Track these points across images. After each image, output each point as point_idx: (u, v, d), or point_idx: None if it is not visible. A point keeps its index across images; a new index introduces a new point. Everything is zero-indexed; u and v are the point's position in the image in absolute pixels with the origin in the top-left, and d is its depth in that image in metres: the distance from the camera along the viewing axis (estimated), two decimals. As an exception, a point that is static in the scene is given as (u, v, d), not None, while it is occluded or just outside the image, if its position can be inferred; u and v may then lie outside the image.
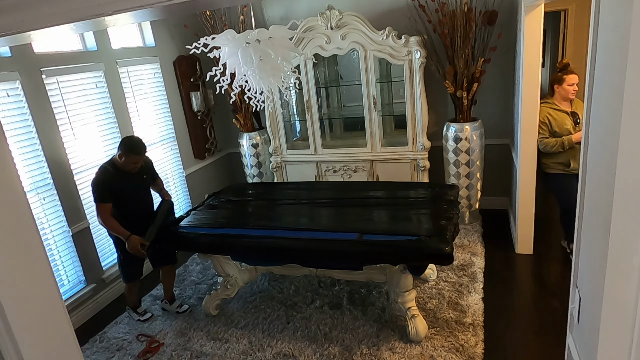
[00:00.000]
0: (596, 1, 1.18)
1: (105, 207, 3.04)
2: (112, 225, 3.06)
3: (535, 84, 3.31)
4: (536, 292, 3.35)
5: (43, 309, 1.45)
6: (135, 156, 3.06)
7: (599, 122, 1.18)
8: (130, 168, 3.11)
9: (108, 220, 3.05)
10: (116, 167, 3.09)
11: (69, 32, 1.48)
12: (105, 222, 3.06)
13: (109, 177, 3.06)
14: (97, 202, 3.04)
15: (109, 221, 3.06)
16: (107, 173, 3.07)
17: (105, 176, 3.06)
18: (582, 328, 1.37)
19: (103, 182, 3.04)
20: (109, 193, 3.04)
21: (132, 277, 3.38)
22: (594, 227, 1.24)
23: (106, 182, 3.04)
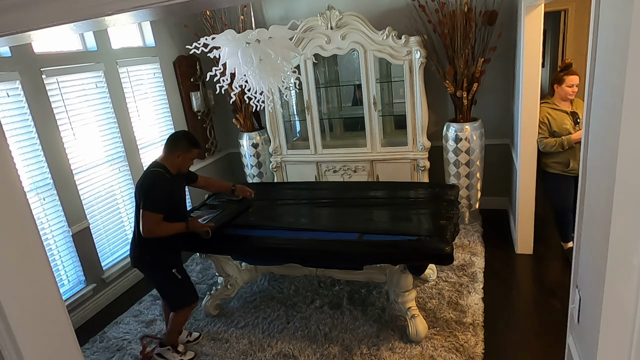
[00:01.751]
0: (596, 1, 1.18)
1: (158, 217, 2.59)
2: (165, 228, 2.64)
3: (535, 84, 3.31)
4: (536, 292, 3.35)
5: (43, 309, 1.45)
6: (197, 150, 2.75)
7: (599, 122, 1.18)
8: (188, 166, 2.79)
9: (159, 227, 2.61)
10: (169, 171, 2.69)
11: (69, 32, 1.48)
12: (155, 230, 2.60)
13: (168, 184, 2.65)
14: (150, 210, 2.56)
15: (160, 227, 2.61)
16: (164, 178, 2.64)
17: (163, 182, 2.63)
18: (582, 328, 1.37)
19: (162, 189, 2.61)
20: (164, 202, 2.62)
21: (196, 297, 2.90)
22: (594, 227, 1.24)
23: (165, 189, 2.63)
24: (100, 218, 3.86)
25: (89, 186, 3.73)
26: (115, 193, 4.01)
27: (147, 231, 2.58)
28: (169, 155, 2.70)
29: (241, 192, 3.27)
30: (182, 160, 2.71)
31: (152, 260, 2.74)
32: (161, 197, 2.61)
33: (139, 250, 2.75)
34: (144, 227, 2.58)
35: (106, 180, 3.90)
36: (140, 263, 2.79)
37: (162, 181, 2.64)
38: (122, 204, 4.09)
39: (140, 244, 2.72)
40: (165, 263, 2.75)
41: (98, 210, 3.83)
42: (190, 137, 2.77)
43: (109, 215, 3.94)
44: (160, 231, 2.62)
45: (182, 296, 2.82)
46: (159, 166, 2.69)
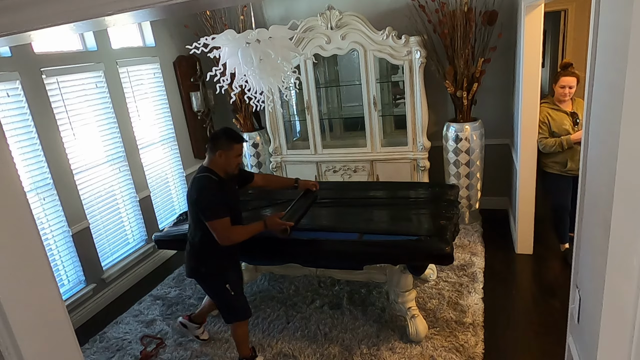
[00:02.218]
0: (596, 1, 1.18)
1: (226, 222, 2.41)
2: (241, 231, 2.49)
3: (535, 84, 3.31)
4: (536, 292, 3.35)
5: (43, 309, 1.45)
6: (240, 144, 2.53)
7: (599, 122, 1.18)
8: (236, 165, 2.56)
9: (233, 232, 2.45)
10: (217, 174, 2.51)
11: (69, 32, 1.48)
12: (231, 236, 2.44)
13: (220, 186, 2.47)
14: (214, 219, 2.39)
15: (234, 232, 2.45)
16: (214, 182, 2.46)
17: (214, 185, 2.45)
18: (582, 328, 1.37)
19: (214, 192, 2.43)
20: (223, 204, 2.44)
21: (248, 313, 2.73)
22: (594, 227, 1.24)
23: (218, 193, 2.44)
24: (100, 218, 3.86)
25: (89, 186, 3.73)
26: (115, 193, 4.01)
27: (224, 239, 2.42)
28: (212, 157, 2.49)
29: (304, 186, 3.06)
30: (225, 159, 2.48)
31: (206, 272, 2.61)
32: (218, 200, 2.42)
33: (195, 261, 2.61)
34: (218, 237, 2.41)
35: (106, 180, 3.90)
36: (195, 274, 2.66)
37: (212, 185, 2.45)
38: (122, 204, 4.09)
39: (196, 256, 2.59)
40: (219, 276, 2.60)
41: (98, 210, 3.83)
42: (230, 132, 2.52)
43: (109, 215, 3.94)
44: (237, 235, 2.46)
45: (234, 311, 2.66)
46: (205, 171, 2.50)
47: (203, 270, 2.61)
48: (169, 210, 4.74)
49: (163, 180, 4.63)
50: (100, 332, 3.42)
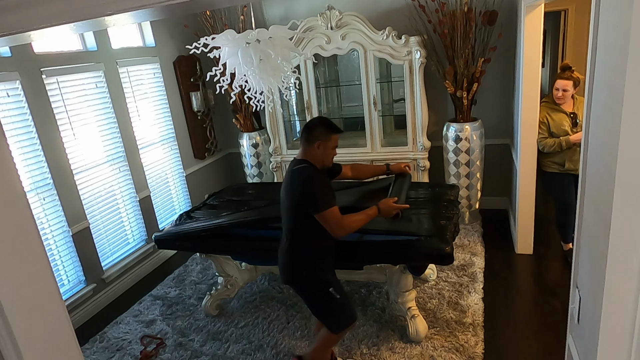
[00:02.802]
0: (596, 1, 1.18)
1: (337, 210, 2.22)
2: (356, 218, 2.28)
3: (535, 84, 3.31)
4: (536, 292, 3.35)
5: (43, 309, 1.45)
6: (337, 135, 2.35)
7: (599, 122, 1.18)
8: (331, 157, 2.38)
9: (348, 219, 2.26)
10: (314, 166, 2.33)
11: (69, 32, 1.48)
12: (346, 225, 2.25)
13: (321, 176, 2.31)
14: (326, 208, 2.19)
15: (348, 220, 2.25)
16: (318, 171, 2.30)
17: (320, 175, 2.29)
18: (582, 328, 1.37)
19: (323, 182, 2.27)
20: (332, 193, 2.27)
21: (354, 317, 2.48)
22: (594, 227, 1.24)
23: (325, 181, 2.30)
24: (100, 218, 3.86)
25: (89, 186, 3.73)
26: (115, 193, 4.01)
27: (339, 229, 2.23)
28: (308, 148, 2.31)
29: (397, 169, 2.89)
30: (323, 150, 2.30)
31: (308, 275, 2.38)
32: (326, 190, 2.25)
33: (295, 265, 2.39)
34: (332, 227, 2.22)
35: (106, 180, 3.90)
36: (295, 280, 2.43)
37: (318, 174, 2.28)
38: (122, 204, 4.09)
39: (296, 258, 2.38)
40: (323, 279, 2.38)
41: (98, 210, 3.83)
42: (327, 122, 2.36)
43: (109, 215, 3.94)
44: (353, 222, 2.26)
45: (342, 317, 2.42)
46: (303, 162, 2.31)
47: (304, 274, 2.37)
48: (169, 210, 4.74)
49: (163, 180, 4.63)
50: (100, 332, 3.42)
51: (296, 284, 2.46)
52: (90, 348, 3.24)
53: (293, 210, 2.31)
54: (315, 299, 2.45)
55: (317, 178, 2.26)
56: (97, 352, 3.19)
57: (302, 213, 2.27)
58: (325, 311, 2.45)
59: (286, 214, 2.37)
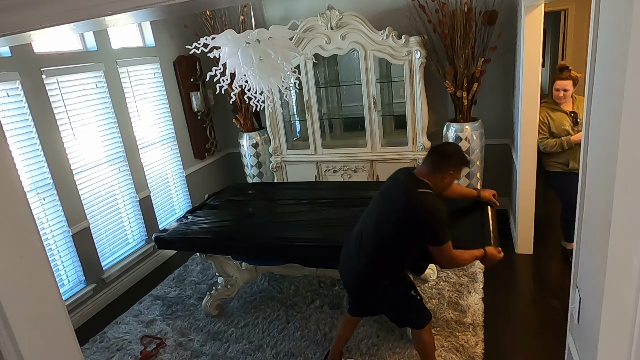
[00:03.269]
0: (596, 1, 1.18)
1: (450, 245, 2.15)
2: (466, 256, 2.25)
3: (535, 84, 3.31)
4: (536, 292, 3.35)
5: (43, 309, 1.44)
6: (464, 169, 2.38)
7: (599, 122, 1.18)
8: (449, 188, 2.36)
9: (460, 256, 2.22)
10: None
11: (69, 32, 1.48)
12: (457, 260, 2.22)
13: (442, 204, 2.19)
14: (445, 243, 2.12)
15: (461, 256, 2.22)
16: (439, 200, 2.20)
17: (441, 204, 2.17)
18: (582, 328, 1.37)
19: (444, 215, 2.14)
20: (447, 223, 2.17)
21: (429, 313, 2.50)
22: (594, 227, 1.24)
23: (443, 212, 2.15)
24: (100, 218, 3.86)
25: (89, 186, 3.73)
26: (115, 193, 4.01)
27: (451, 264, 2.25)
28: (436, 174, 2.20)
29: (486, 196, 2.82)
30: (450, 180, 2.24)
31: (390, 283, 2.33)
32: (445, 222, 2.14)
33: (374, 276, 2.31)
34: (443, 262, 2.21)
35: (106, 180, 3.90)
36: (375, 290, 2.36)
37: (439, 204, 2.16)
38: (122, 204, 4.09)
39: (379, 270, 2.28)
40: (404, 284, 2.39)
41: (98, 210, 3.83)
42: (463, 155, 2.28)
43: (109, 215, 3.94)
44: (462, 260, 2.24)
45: (423, 314, 2.43)
46: (425, 186, 2.18)
47: (387, 283, 2.31)
48: (169, 210, 4.74)
49: (163, 180, 4.64)
50: (100, 332, 3.42)
51: (378, 293, 2.37)
52: (90, 348, 3.24)
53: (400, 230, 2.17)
54: (398, 303, 2.41)
55: (441, 210, 2.13)
56: (97, 352, 3.19)
57: (410, 237, 2.19)
58: (409, 312, 2.42)
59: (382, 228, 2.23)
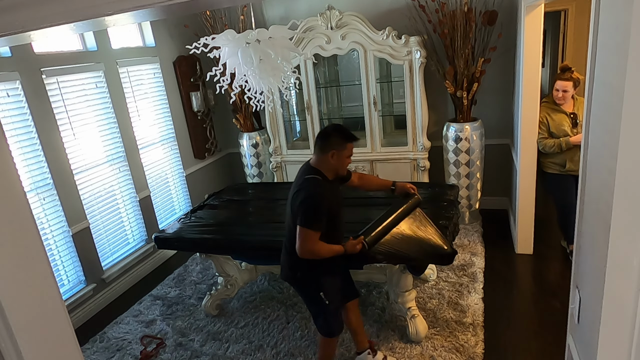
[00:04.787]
0: (596, 1, 1.18)
1: (315, 236, 2.20)
2: (323, 249, 2.25)
3: (535, 84, 3.31)
4: (536, 292, 3.35)
5: (43, 309, 1.44)
6: (352, 143, 2.30)
7: (599, 122, 1.18)
8: (345, 166, 2.36)
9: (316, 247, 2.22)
10: (326, 177, 2.29)
11: (69, 32, 1.48)
12: (312, 250, 2.22)
13: (327, 193, 2.24)
14: (306, 227, 2.18)
15: (317, 247, 2.22)
16: (323, 186, 2.24)
17: (323, 193, 2.22)
18: (582, 328, 1.37)
19: (322, 199, 2.20)
20: (323, 216, 2.21)
21: (340, 329, 2.48)
22: (594, 227, 1.24)
23: (325, 200, 2.22)
24: (100, 218, 3.86)
25: (89, 186, 3.73)
26: (115, 193, 4.01)
27: (303, 250, 2.22)
28: (322, 157, 2.26)
29: (401, 190, 2.72)
30: (337, 159, 2.26)
31: (302, 276, 2.41)
32: (321, 212, 2.20)
33: (292, 265, 2.41)
34: (299, 245, 2.21)
35: (106, 180, 3.90)
36: (290, 279, 2.48)
37: (321, 192, 2.23)
38: (122, 204, 4.09)
39: (294, 259, 2.35)
40: (315, 282, 2.39)
41: (98, 210, 3.83)
42: (343, 130, 2.29)
43: (109, 215, 3.94)
44: (317, 252, 2.24)
45: (324, 323, 2.45)
46: (314, 172, 2.27)
47: (299, 275, 2.41)
48: (169, 210, 4.74)
49: (163, 180, 4.64)
50: (100, 332, 3.42)
51: (291, 283, 2.52)
52: (90, 348, 3.24)
53: (294, 215, 2.27)
54: (307, 299, 2.51)
55: (320, 195, 2.21)
56: (97, 352, 3.19)
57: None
58: (312, 312, 2.51)
59: (289, 216, 2.35)
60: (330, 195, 2.27)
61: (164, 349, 3.12)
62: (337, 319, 2.46)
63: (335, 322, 2.45)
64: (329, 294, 2.39)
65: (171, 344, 3.16)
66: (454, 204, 3.21)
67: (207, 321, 3.36)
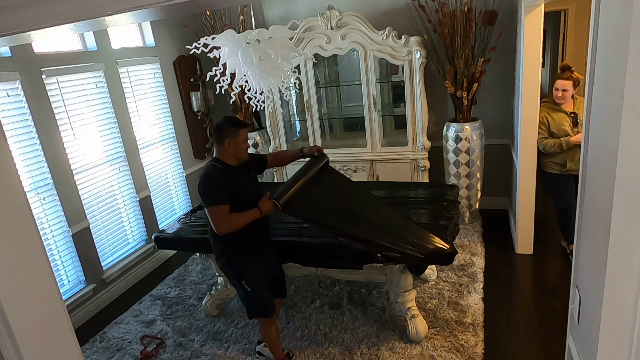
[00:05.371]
0: (596, 1, 1.18)
1: (224, 209, 2.37)
2: (238, 219, 2.40)
3: (535, 84, 3.31)
4: (536, 292, 3.35)
5: (43, 309, 1.45)
6: (244, 129, 2.49)
7: (599, 122, 1.18)
8: (245, 150, 2.52)
9: (229, 219, 2.38)
10: (225, 164, 2.48)
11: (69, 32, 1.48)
12: (227, 223, 2.38)
13: (221, 174, 2.44)
14: (212, 204, 2.37)
15: (230, 219, 2.38)
16: (217, 169, 2.46)
17: (217, 173, 2.44)
18: (582, 328, 1.37)
19: (216, 180, 2.40)
20: (224, 193, 2.39)
21: (266, 313, 2.64)
22: (594, 227, 1.24)
23: (220, 180, 2.41)
24: (100, 218, 3.86)
25: (89, 186, 3.73)
26: (115, 193, 4.01)
27: (219, 226, 2.37)
28: (220, 147, 2.48)
29: (309, 153, 2.97)
30: (234, 146, 2.45)
31: (225, 263, 2.58)
32: (217, 187, 2.38)
33: (216, 253, 2.61)
34: (215, 224, 2.38)
35: (106, 180, 3.90)
36: (218, 264, 2.67)
37: (214, 172, 2.44)
38: (122, 204, 4.09)
39: (215, 247, 2.59)
40: (236, 270, 2.57)
41: (98, 210, 3.83)
42: (233, 119, 2.54)
43: (109, 215, 3.94)
44: (234, 222, 2.38)
45: (254, 307, 2.63)
46: (213, 160, 2.50)
47: (222, 261, 2.58)
48: (169, 210, 4.74)
49: (163, 180, 4.64)
50: (100, 332, 3.42)
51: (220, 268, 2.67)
52: (90, 348, 3.24)
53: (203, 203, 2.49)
54: (234, 284, 2.69)
55: (213, 175, 2.42)
56: (97, 352, 3.19)
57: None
58: (242, 296, 2.67)
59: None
60: (233, 179, 2.44)
61: (164, 349, 3.12)
62: (266, 300, 2.62)
63: (264, 303, 2.61)
64: (251, 282, 2.56)
65: (171, 344, 3.16)
66: (454, 204, 3.21)
67: (207, 321, 3.36)
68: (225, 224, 2.38)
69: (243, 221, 2.40)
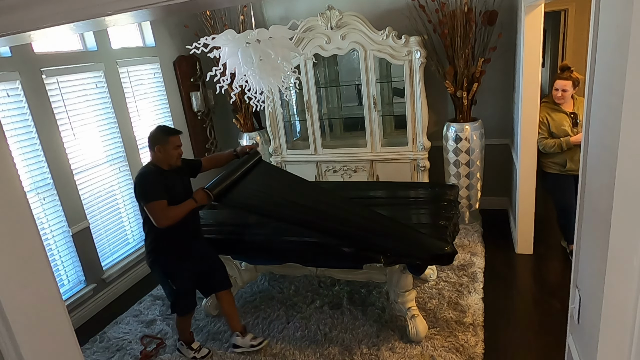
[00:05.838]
0: (596, 1, 1.18)
1: (162, 204, 2.54)
2: (176, 210, 2.58)
3: (535, 84, 3.31)
4: (536, 292, 3.35)
5: (43, 309, 1.45)
6: (175, 137, 2.67)
7: (599, 122, 1.18)
8: (176, 156, 2.68)
9: (168, 212, 2.55)
10: (159, 167, 2.67)
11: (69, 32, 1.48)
12: (166, 216, 2.54)
13: (156, 174, 2.62)
14: (151, 200, 2.53)
15: (169, 212, 2.55)
16: (151, 170, 2.64)
17: (151, 173, 2.62)
18: (582, 328, 1.37)
19: (151, 178, 2.59)
20: (160, 189, 2.57)
21: (187, 310, 2.88)
22: (594, 227, 1.24)
23: (155, 179, 2.60)
24: (100, 218, 3.86)
25: (89, 186, 3.73)
26: (115, 193, 4.01)
27: (160, 220, 2.54)
28: (152, 153, 2.69)
29: (242, 152, 3.23)
30: (165, 152, 2.65)
31: (153, 260, 2.78)
32: (153, 185, 2.57)
33: (146, 251, 2.81)
34: (155, 218, 2.54)
35: (106, 180, 3.90)
36: (147, 262, 2.84)
37: (149, 173, 2.63)
38: (122, 204, 4.09)
39: (146, 246, 2.79)
40: (163, 270, 2.78)
41: (98, 210, 3.83)
42: (163, 128, 2.73)
43: (109, 215, 3.94)
44: (172, 214, 2.56)
45: (174, 304, 2.85)
46: (148, 164, 2.72)
47: (150, 259, 2.77)
48: (169, 210, 4.73)
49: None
50: (100, 332, 3.42)
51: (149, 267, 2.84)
52: (90, 348, 3.24)
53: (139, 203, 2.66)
54: (159, 282, 2.96)
55: (148, 175, 2.61)
56: (97, 352, 3.19)
57: (141, 207, 2.65)
58: (166, 294, 2.88)
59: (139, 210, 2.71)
60: (166, 181, 2.62)
61: (164, 349, 3.12)
62: (186, 300, 2.84)
63: (184, 303, 2.83)
64: (176, 279, 2.75)
65: (171, 344, 3.16)
66: (454, 204, 3.21)
67: (207, 321, 3.36)
68: (165, 216, 2.55)
69: (180, 212, 2.59)
